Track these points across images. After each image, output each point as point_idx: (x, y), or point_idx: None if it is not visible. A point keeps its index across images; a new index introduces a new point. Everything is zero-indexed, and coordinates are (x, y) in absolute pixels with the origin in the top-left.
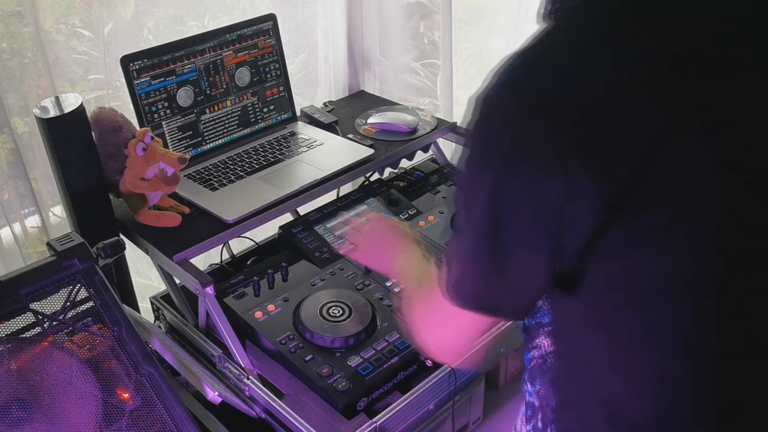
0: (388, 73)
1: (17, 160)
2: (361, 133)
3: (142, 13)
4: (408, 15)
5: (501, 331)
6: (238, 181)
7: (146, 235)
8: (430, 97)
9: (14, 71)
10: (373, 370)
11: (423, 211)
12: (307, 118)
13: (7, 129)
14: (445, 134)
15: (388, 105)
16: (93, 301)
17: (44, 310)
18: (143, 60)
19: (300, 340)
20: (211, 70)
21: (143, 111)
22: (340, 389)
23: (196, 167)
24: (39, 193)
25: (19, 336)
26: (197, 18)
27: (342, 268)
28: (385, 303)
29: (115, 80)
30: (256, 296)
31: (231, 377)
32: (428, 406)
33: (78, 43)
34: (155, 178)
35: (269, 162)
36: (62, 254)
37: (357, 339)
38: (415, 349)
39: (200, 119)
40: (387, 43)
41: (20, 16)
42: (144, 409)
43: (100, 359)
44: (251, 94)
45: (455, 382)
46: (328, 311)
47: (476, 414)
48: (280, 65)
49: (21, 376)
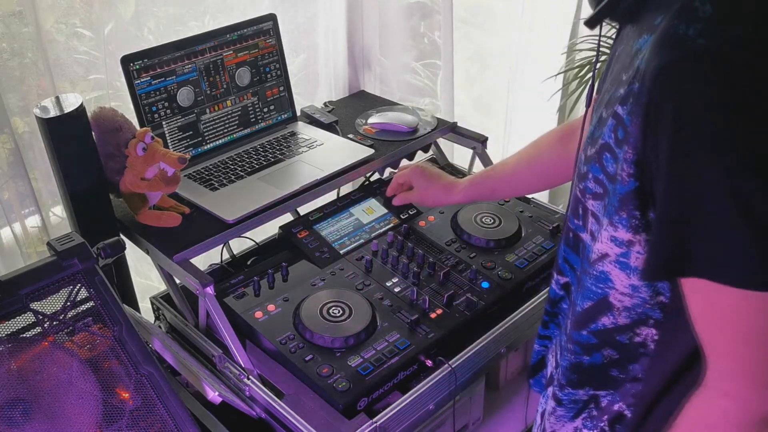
0: (389, 73)
1: (17, 160)
2: (362, 133)
3: (142, 13)
4: (408, 15)
5: (501, 331)
6: (239, 181)
7: (146, 235)
8: (430, 97)
9: (15, 71)
10: (373, 370)
11: (423, 211)
12: (307, 118)
13: (7, 129)
14: (446, 134)
15: (388, 105)
16: (93, 301)
17: (44, 310)
18: (143, 60)
19: (300, 340)
20: (211, 70)
21: (143, 111)
22: (340, 389)
23: (196, 167)
24: (39, 193)
25: (19, 336)
26: (197, 18)
27: (342, 268)
28: (385, 303)
29: (115, 80)
30: (256, 296)
31: (231, 377)
32: (428, 406)
33: (78, 43)
34: (155, 178)
35: (269, 162)
36: (62, 254)
37: (357, 339)
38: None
39: (200, 119)
40: (387, 43)
41: (20, 16)
42: (144, 409)
43: (100, 359)
44: (251, 94)
45: (455, 382)
46: (328, 311)
47: (476, 414)
48: (280, 65)
49: (21, 376)
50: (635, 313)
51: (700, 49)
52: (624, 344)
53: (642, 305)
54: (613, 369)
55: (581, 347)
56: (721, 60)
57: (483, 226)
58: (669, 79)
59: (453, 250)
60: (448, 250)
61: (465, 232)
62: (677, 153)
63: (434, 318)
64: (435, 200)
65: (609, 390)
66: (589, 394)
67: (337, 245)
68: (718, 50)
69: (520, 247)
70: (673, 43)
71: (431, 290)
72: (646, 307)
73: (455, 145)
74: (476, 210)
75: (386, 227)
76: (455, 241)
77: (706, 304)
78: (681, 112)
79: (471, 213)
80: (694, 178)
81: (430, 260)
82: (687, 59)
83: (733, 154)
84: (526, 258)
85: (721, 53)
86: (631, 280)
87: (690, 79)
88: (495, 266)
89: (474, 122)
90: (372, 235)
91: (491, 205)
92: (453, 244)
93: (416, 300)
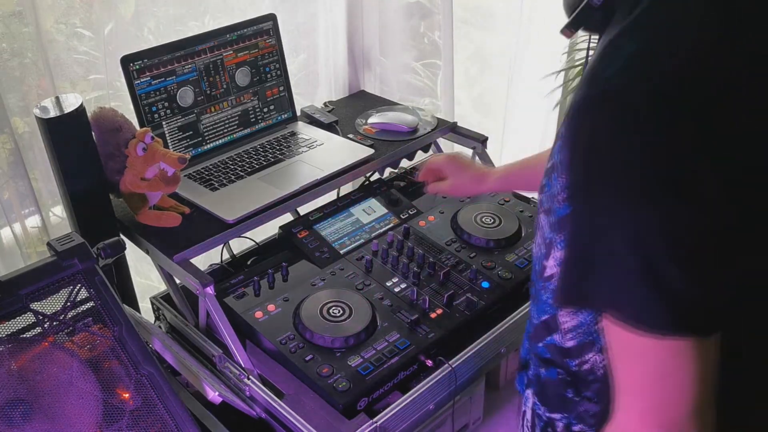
0: (389, 73)
1: (17, 160)
2: (362, 133)
3: (142, 13)
4: (408, 15)
5: (501, 331)
6: (239, 181)
7: (146, 235)
8: (430, 97)
9: (15, 71)
10: (373, 370)
11: (423, 211)
12: (307, 118)
13: (7, 129)
14: (446, 134)
15: (388, 105)
16: (93, 301)
17: (44, 310)
18: (143, 60)
19: (300, 340)
20: (211, 70)
21: (143, 111)
22: (340, 389)
23: (196, 167)
24: (39, 193)
25: (19, 336)
26: (197, 18)
27: (342, 268)
28: (385, 303)
29: (115, 80)
30: (256, 296)
31: (231, 377)
32: (428, 406)
33: (78, 43)
34: (155, 178)
35: (269, 162)
36: (62, 254)
37: (357, 339)
38: (415, 349)
39: (200, 119)
40: (387, 43)
41: (20, 16)
42: (144, 409)
43: (100, 359)
44: (251, 94)
45: (455, 382)
46: (328, 311)
47: (476, 414)
48: (280, 65)
49: (21, 376)
50: (579, 335)
51: (610, 88)
52: (573, 371)
53: (584, 326)
54: (568, 389)
55: (539, 360)
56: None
57: (483, 226)
58: (580, 114)
59: (453, 250)
60: (448, 250)
61: (465, 231)
62: (584, 188)
63: (434, 318)
64: (468, 190)
65: (563, 413)
66: (546, 416)
67: (337, 245)
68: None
69: (520, 247)
70: (591, 79)
71: (431, 290)
72: (591, 329)
73: (456, 145)
74: (476, 210)
75: (386, 227)
76: (455, 240)
77: (609, 336)
78: (590, 149)
79: (471, 213)
80: (596, 215)
81: (430, 260)
82: (600, 96)
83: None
84: (526, 258)
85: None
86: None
87: (599, 117)
88: (495, 266)
89: (474, 122)
90: (372, 235)
91: (491, 205)
92: (453, 243)
93: (416, 300)
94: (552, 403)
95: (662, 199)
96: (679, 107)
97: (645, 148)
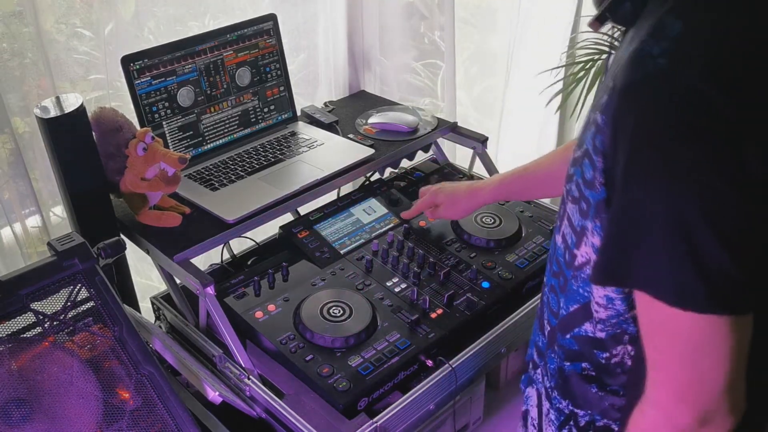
0: (389, 73)
1: (18, 160)
2: (362, 133)
3: (142, 13)
4: (408, 15)
5: (501, 331)
6: (239, 181)
7: (147, 235)
8: (430, 97)
9: (15, 71)
10: (373, 370)
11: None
12: (307, 118)
13: (7, 129)
14: (446, 134)
15: (388, 105)
16: (93, 301)
17: (45, 310)
18: (144, 60)
19: (300, 340)
20: (211, 70)
21: (144, 111)
22: (340, 389)
23: (196, 167)
24: (39, 193)
25: (19, 336)
26: (197, 18)
27: (342, 268)
28: (385, 303)
29: (115, 80)
30: (256, 296)
31: (231, 377)
32: (428, 406)
33: (78, 43)
34: (156, 178)
35: (270, 162)
36: (63, 254)
37: (357, 339)
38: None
39: (201, 119)
40: (387, 43)
41: (21, 17)
42: (144, 409)
43: (100, 359)
44: (251, 94)
45: (455, 382)
46: (328, 311)
47: (476, 414)
48: (280, 65)
49: (22, 376)
50: (610, 326)
51: (659, 69)
52: (602, 364)
53: (617, 317)
54: (593, 384)
55: (564, 352)
56: (678, 82)
57: (483, 226)
58: (630, 97)
59: (453, 250)
60: (449, 250)
61: (465, 232)
62: (630, 170)
63: (434, 318)
64: (464, 210)
65: (587, 410)
66: (569, 409)
67: (337, 245)
68: (677, 72)
69: (520, 247)
70: (639, 61)
71: (431, 290)
72: (621, 320)
73: (456, 145)
74: (476, 210)
75: (386, 227)
76: (455, 241)
77: (645, 316)
78: (637, 132)
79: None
80: (641, 196)
81: (430, 260)
82: (647, 79)
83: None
84: (526, 258)
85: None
86: (605, 290)
87: (646, 100)
88: (495, 266)
89: (473, 122)
90: (372, 235)
91: (491, 205)
92: (453, 244)
93: (416, 300)
94: (575, 397)
95: (707, 179)
96: (727, 90)
97: (691, 130)
